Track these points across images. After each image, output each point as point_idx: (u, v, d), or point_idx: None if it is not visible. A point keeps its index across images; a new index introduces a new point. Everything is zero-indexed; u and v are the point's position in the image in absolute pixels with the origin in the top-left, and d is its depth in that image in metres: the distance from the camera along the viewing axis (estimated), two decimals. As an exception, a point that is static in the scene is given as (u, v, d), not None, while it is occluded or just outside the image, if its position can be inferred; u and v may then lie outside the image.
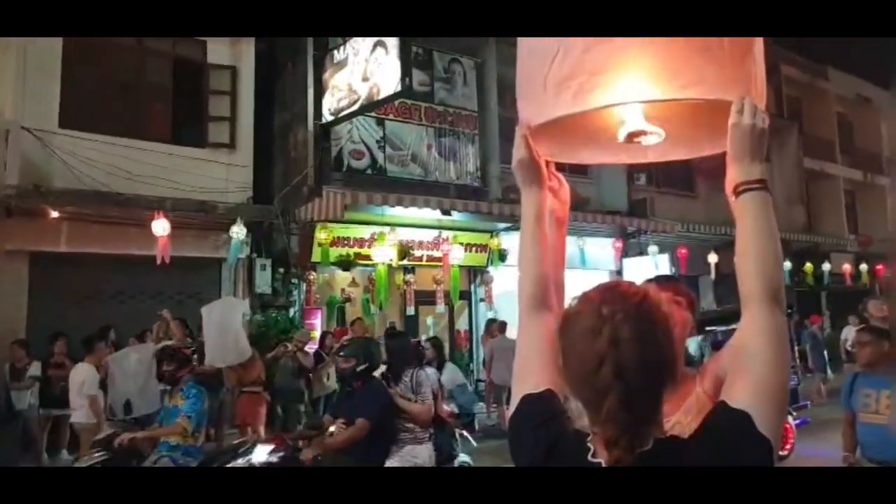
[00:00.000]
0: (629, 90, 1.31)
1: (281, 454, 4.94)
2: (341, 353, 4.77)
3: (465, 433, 6.61)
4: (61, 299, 9.05)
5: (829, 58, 22.03)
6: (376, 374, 4.66)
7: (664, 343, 1.11)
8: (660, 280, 1.99)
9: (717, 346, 9.55)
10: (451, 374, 6.38)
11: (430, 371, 5.08)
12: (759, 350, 1.14)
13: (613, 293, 1.15)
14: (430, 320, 12.91)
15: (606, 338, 1.08)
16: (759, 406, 1.08)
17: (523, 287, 1.43)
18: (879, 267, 21.04)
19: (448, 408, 5.73)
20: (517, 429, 1.26)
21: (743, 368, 1.15)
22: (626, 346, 1.07)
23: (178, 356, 5.30)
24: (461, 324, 13.02)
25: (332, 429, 4.41)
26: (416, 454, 4.44)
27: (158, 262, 8.84)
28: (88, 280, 9.43)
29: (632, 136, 1.48)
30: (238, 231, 9.68)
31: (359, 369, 4.49)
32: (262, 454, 5.02)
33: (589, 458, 1.12)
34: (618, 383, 1.06)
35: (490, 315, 11.79)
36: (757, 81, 1.39)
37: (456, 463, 5.40)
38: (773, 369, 1.12)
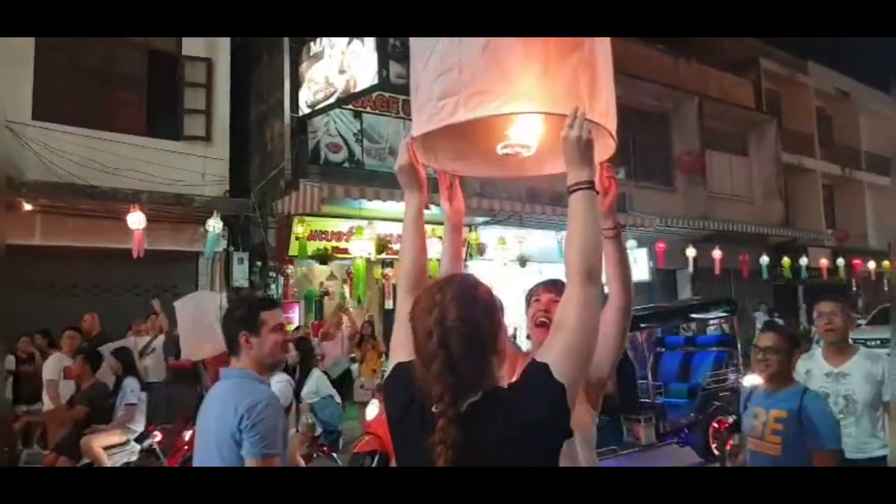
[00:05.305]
0: (475, 109, 1.53)
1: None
2: None
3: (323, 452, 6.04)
4: (35, 293, 8.93)
5: (809, 52, 22.23)
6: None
7: (484, 322, 1.39)
8: (547, 284, 2.19)
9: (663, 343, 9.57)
10: (316, 383, 5.65)
11: (280, 377, 4.61)
12: (570, 315, 1.40)
13: (449, 282, 1.44)
14: (409, 314, 12.86)
15: (435, 316, 1.36)
16: (559, 359, 1.36)
17: (401, 275, 1.73)
18: (856, 262, 21.26)
19: (308, 420, 5.03)
20: (387, 390, 1.55)
21: (556, 330, 1.42)
22: (450, 323, 1.35)
23: None
24: (440, 317, 13.01)
25: None
26: None
27: (135, 255, 8.74)
28: (63, 274, 9.33)
29: (506, 148, 1.71)
30: (214, 224, 9.61)
31: None
32: None
33: (433, 408, 1.36)
34: (441, 352, 1.34)
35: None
36: (593, 96, 1.60)
37: None
38: (578, 332, 1.38)
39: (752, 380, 6.73)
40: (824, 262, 19.62)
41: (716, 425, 7.31)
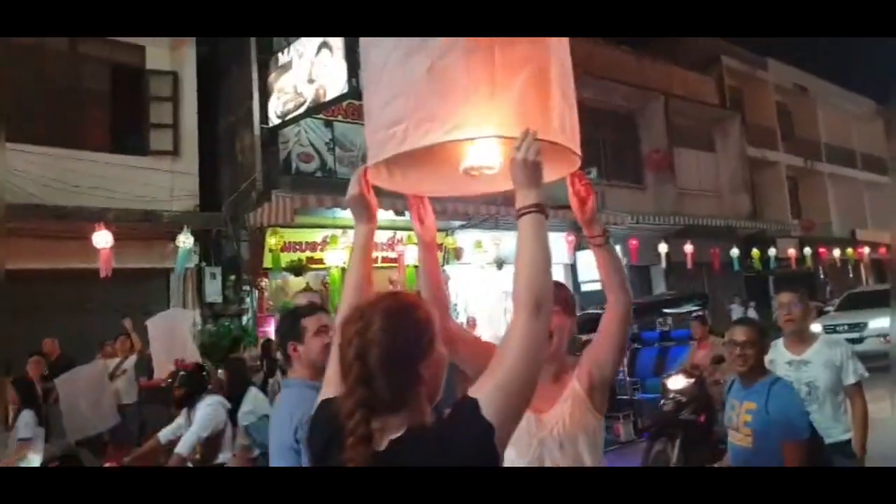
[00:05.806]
0: (424, 137, 1.49)
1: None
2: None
3: None
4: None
5: (767, 49, 22.70)
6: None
7: (409, 342, 1.28)
8: None
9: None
10: (253, 403, 5.27)
11: (211, 400, 4.45)
12: (511, 349, 1.28)
13: (385, 297, 1.34)
14: (386, 321, 12.81)
15: (356, 328, 1.28)
16: (492, 396, 1.23)
17: (341, 307, 1.59)
18: (822, 250, 21.76)
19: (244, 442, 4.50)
20: (310, 430, 1.46)
21: (495, 361, 1.29)
22: (370, 334, 1.26)
23: None
24: (418, 323, 12.98)
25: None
26: None
27: (102, 275, 8.56)
28: (28, 297, 9.08)
29: (469, 170, 1.65)
30: (185, 240, 9.45)
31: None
32: None
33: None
34: (357, 363, 1.25)
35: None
36: (546, 114, 1.55)
37: None
38: (515, 369, 1.26)
39: (677, 382, 6.51)
40: (792, 251, 20.08)
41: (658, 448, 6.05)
